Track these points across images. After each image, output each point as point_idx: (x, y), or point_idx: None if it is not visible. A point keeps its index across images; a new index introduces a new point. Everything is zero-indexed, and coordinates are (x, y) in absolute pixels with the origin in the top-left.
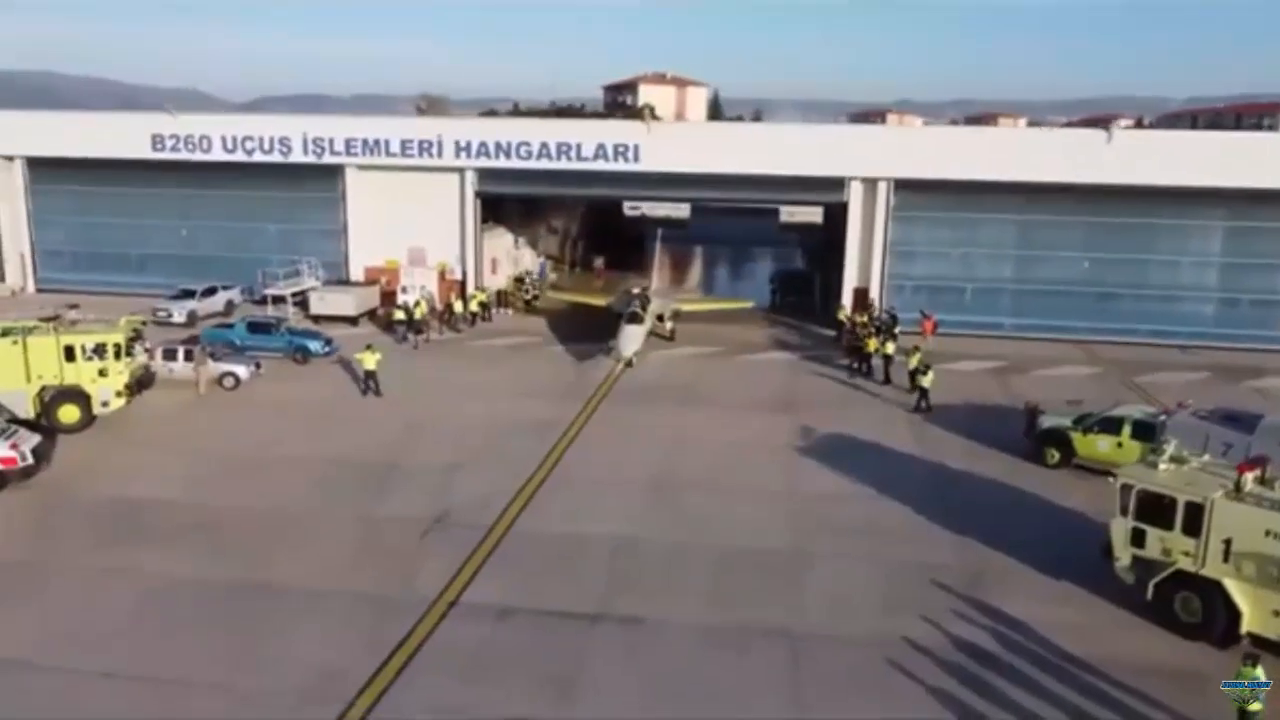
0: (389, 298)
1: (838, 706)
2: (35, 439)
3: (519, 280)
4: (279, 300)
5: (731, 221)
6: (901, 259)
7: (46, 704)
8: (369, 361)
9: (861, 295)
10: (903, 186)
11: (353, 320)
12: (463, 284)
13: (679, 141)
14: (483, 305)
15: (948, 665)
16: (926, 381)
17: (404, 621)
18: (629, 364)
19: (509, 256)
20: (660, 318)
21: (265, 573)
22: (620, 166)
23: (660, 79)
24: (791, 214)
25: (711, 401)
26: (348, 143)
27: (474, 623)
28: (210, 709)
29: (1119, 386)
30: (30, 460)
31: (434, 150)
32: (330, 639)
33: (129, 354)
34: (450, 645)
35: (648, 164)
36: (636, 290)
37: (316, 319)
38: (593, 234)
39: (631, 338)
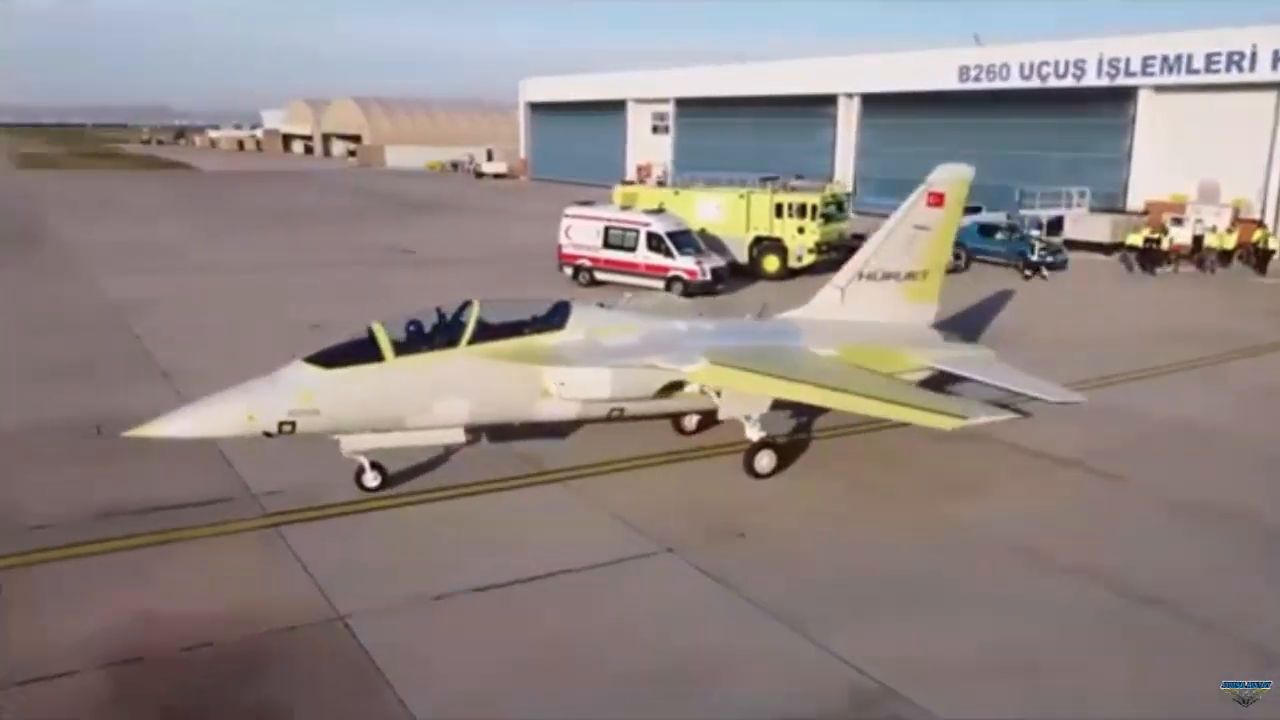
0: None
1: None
2: (720, 262)
3: None
4: (1038, 226)
5: None
6: None
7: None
8: None
9: None
10: None
11: (1106, 249)
12: (1258, 224)
13: None
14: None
15: None
16: None
17: None
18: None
19: None
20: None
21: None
22: None
23: None
24: None
25: None
26: (1144, 61)
27: None
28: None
29: None
30: (709, 277)
31: (1244, 64)
32: None
33: (824, 218)
34: None
35: None
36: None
37: (1067, 243)
38: None
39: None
